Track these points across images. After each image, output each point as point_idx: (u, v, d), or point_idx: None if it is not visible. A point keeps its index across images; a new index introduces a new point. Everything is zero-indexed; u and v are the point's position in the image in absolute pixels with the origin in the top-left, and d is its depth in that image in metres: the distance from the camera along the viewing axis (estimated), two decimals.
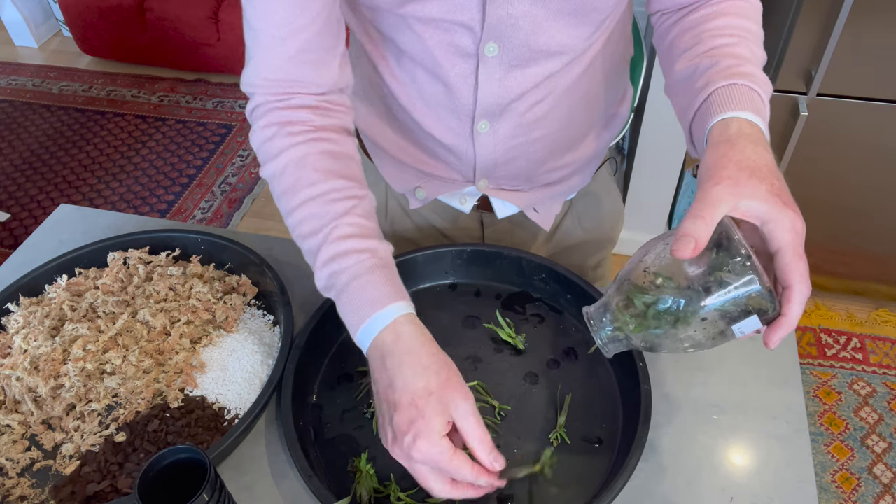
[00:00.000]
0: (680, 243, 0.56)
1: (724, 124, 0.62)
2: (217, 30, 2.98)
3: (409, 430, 0.61)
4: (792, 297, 0.56)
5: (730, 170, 0.58)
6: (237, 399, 0.79)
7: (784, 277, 0.57)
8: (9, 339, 0.85)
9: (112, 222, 1.07)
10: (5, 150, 2.84)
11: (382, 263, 0.69)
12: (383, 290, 0.67)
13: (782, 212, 0.56)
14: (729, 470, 0.75)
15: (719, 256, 0.57)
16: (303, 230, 0.71)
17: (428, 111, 0.83)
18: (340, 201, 0.70)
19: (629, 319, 0.61)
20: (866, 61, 1.53)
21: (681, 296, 0.58)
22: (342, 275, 0.68)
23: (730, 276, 0.56)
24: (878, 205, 1.80)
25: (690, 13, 0.74)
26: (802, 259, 0.56)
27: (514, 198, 0.94)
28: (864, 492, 1.71)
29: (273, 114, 0.72)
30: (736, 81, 0.64)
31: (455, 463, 0.61)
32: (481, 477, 0.62)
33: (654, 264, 0.60)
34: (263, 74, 0.72)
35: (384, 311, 0.66)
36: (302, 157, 0.71)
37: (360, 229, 0.69)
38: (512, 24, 0.71)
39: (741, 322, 0.57)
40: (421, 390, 0.62)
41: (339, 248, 0.68)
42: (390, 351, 0.65)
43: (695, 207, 0.57)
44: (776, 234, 0.57)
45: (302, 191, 0.70)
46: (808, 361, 1.97)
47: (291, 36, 0.69)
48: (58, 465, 0.76)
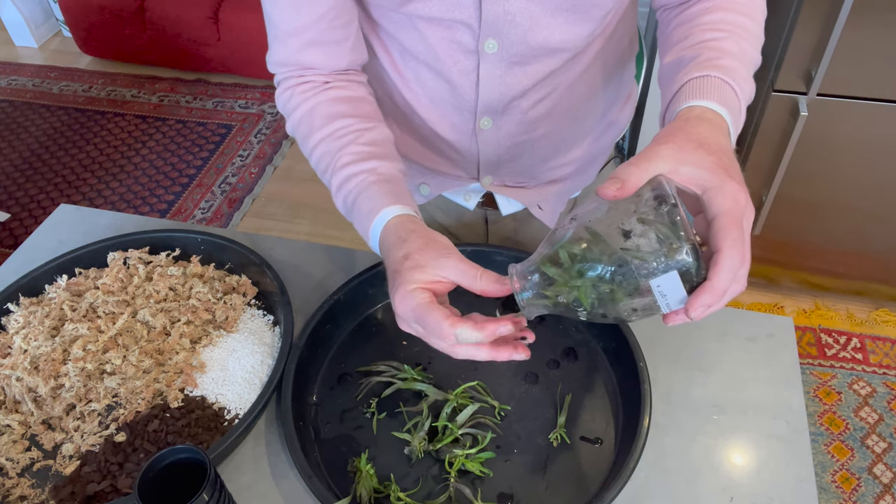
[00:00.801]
0: (607, 182, 0.55)
1: (687, 110, 0.62)
2: (217, 30, 2.98)
3: (391, 292, 0.65)
4: (720, 261, 0.53)
5: (677, 137, 0.57)
6: (237, 399, 0.79)
7: (715, 242, 0.54)
8: (9, 339, 0.85)
9: (112, 222, 1.07)
10: (5, 150, 2.84)
11: (381, 178, 0.74)
12: (378, 200, 0.72)
13: (724, 180, 0.55)
14: (729, 470, 0.75)
15: (646, 206, 0.55)
16: (319, 168, 0.79)
17: (432, 108, 0.84)
18: (344, 136, 0.76)
19: (554, 273, 0.58)
20: (866, 61, 1.53)
21: (603, 247, 0.55)
22: (348, 198, 0.75)
23: (653, 225, 0.54)
24: (878, 205, 1.80)
25: (690, 7, 0.74)
26: (739, 228, 0.54)
27: (519, 195, 0.94)
28: (864, 492, 1.71)
29: (290, 80, 0.81)
30: (709, 73, 0.64)
31: (427, 309, 0.61)
32: (459, 326, 0.61)
33: (582, 216, 0.57)
34: (279, 60, 0.80)
35: (378, 216, 0.71)
36: (312, 107, 0.78)
37: (359, 156, 0.75)
38: (509, 20, 0.72)
39: (661, 279, 0.54)
40: (400, 258, 0.66)
41: (342, 175, 0.75)
42: (385, 240, 0.70)
43: (633, 158, 0.56)
44: (716, 200, 0.55)
45: (313, 135, 0.78)
46: (808, 361, 1.97)
47: (301, 30, 0.76)
48: (58, 465, 0.76)
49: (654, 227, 0.54)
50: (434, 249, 0.65)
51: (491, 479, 0.73)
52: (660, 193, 0.54)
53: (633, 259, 0.54)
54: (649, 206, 0.55)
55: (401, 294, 0.63)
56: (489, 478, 0.73)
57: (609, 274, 0.55)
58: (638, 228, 0.54)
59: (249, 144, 2.83)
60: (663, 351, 0.85)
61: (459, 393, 0.79)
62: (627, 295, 0.56)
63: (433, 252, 0.65)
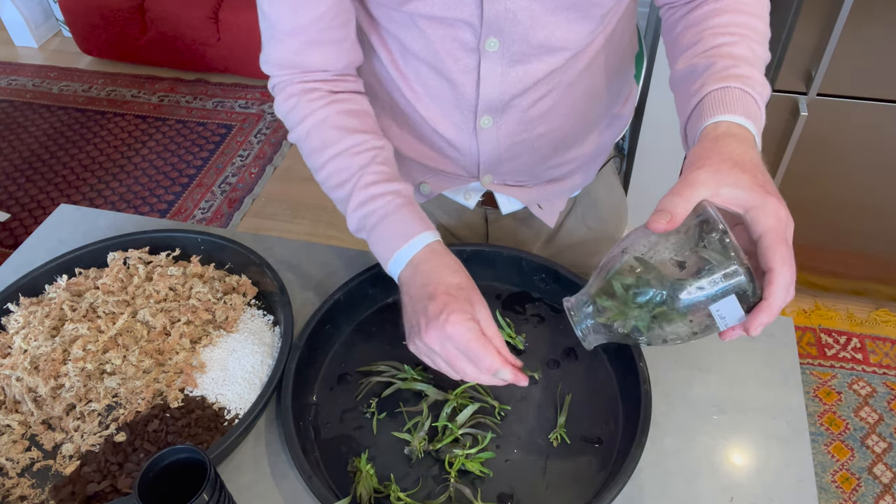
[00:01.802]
0: (655, 216, 0.56)
1: (714, 126, 0.63)
2: (217, 30, 2.97)
3: (443, 311, 0.67)
4: (774, 280, 0.55)
5: (713, 160, 0.58)
6: (237, 399, 0.79)
7: (765, 261, 0.56)
8: (9, 339, 0.85)
9: (112, 222, 1.07)
10: (5, 150, 2.84)
11: (407, 202, 0.76)
12: (413, 224, 0.74)
13: (765, 198, 0.56)
14: (729, 470, 0.75)
15: (696, 235, 0.56)
16: (332, 182, 0.78)
17: (432, 106, 0.84)
18: (363, 153, 0.77)
19: (609, 305, 0.60)
20: (866, 61, 1.53)
21: (658, 277, 0.57)
22: (373, 216, 0.75)
23: (705, 252, 0.55)
24: (878, 205, 1.80)
25: (696, 8, 0.73)
26: (785, 243, 0.56)
27: (519, 193, 0.95)
28: (864, 492, 1.71)
29: (292, 87, 0.79)
30: (729, 84, 0.64)
31: (483, 342, 0.66)
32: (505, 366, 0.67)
33: (632, 248, 0.59)
34: (276, 60, 0.79)
35: (417, 238, 0.73)
36: (323, 119, 0.78)
37: (383, 175, 0.76)
38: (510, 18, 0.72)
39: (720, 303, 0.56)
40: (455, 285, 0.69)
41: (367, 193, 0.75)
42: (426, 260, 0.72)
43: (674, 187, 0.58)
44: (759, 219, 0.56)
45: (327, 149, 0.78)
46: (808, 361, 1.97)
47: (299, 30, 0.75)
48: (58, 465, 0.76)
49: (708, 254, 0.56)
50: (477, 292, 0.71)
51: (491, 479, 0.73)
52: (706, 219, 0.56)
53: (691, 288, 0.56)
54: (698, 233, 0.56)
55: (456, 319, 0.66)
56: (489, 478, 0.73)
57: (666, 302, 0.57)
58: (692, 258, 0.56)
59: (249, 144, 2.83)
60: (663, 351, 0.85)
61: (459, 393, 0.79)
62: (687, 321, 0.58)
63: (478, 296, 0.70)
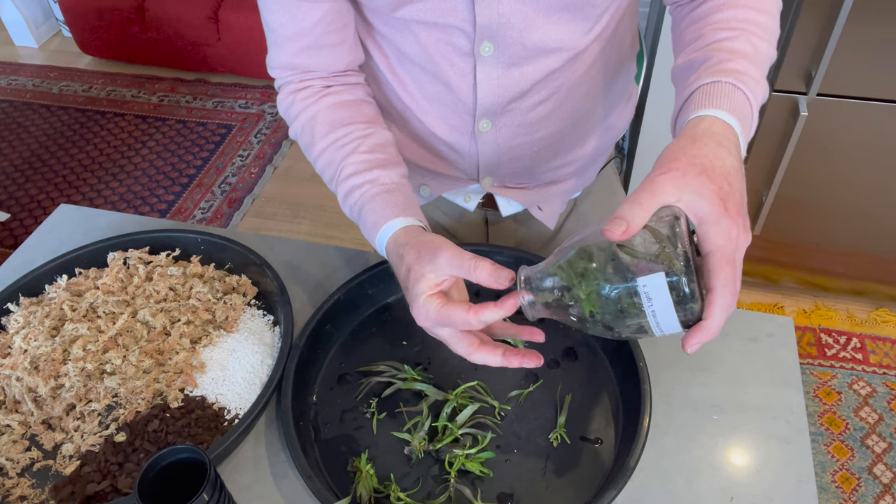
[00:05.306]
0: (611, 224, 0.54)
1: (696, 121, 0.61)
2: (217, 30, 2.97)
3: (410, 305, 0.67)
4: (713, 301, 0.54)
5: (681, 162, 0.57)
6: (237, 399, 0.79)
7: (708, 281, 0.55)
8: (9, 339, 0.85)
9: (112, 222, 1.07)
10: (5, 150, 2.84)
11: (383, 189, 0.75)
12: (380, 214, 0.74)
13: (720, 216, 0.55)
14: (729, 470, 0.75)
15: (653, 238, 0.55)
16: (325, 177, 0.81)
17: (430, 110, 0.84)
18: (346, 146, 0.78)
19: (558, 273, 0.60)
20: (866, 61, 1.53)
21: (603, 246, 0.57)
22: (354, 209, 0.77)
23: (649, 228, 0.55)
24: (878, 205, 1.80)
25: (702, 4, 0.72)
26: (731, 265, 0.55)
27: (519, 195, 0.94)
28: (864, 492, 1.71)
29: (290, 86, 0.82)
30: (720, 79, 0.63)
31: (446, 311, 0.64)
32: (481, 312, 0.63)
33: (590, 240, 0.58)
34: (278, 64, 0.81)
35: (381, 231, 0.73)
36: (313, 115, 0.80)
37: (361, 165, 0.77)
38: (504, 22, 0.72)
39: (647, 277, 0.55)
40: (404, 275, 0.68)
41: (346, 186, 0.77)
42: (391, 262, 0.73)
43: (635, 193, 0.56)
44: (709, 236, 0.55)
45: (316, 145, 0.80)
46: (808, 361, 1.97)
47: (298, 35, 0.77)
48: (58, 465, 0.76)
49: (652, 230, 0.55)
50: (427, 253, 0.66)
51: (491, 479, 0.73)
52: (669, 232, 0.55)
53: (625, 254, 0.55)
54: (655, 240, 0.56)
55: (416, 310, 0.66)
56: (489, 478, 0.73)
57: (603, 268, 0.57)
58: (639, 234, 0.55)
59: (249, 144, 2.83)
60: (663, 351, 0.85)
61: (459, 393, 0.79)
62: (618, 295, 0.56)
63: (427, 256, 0.66)
